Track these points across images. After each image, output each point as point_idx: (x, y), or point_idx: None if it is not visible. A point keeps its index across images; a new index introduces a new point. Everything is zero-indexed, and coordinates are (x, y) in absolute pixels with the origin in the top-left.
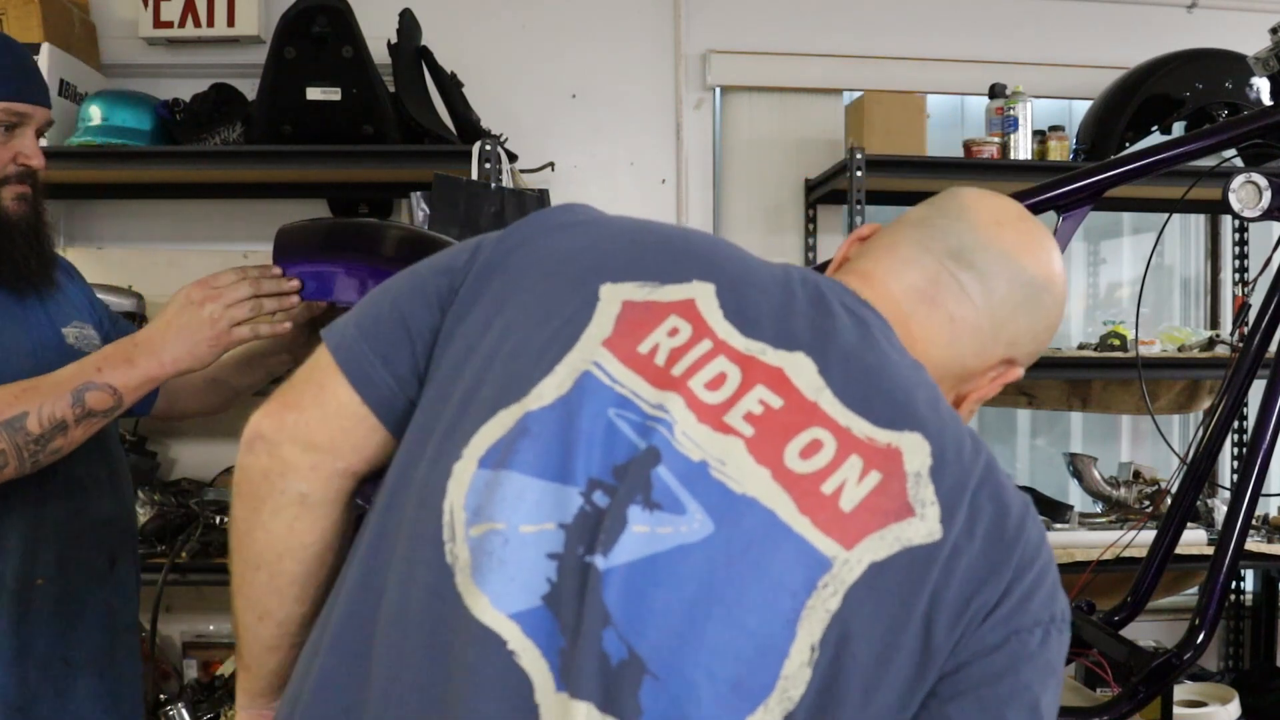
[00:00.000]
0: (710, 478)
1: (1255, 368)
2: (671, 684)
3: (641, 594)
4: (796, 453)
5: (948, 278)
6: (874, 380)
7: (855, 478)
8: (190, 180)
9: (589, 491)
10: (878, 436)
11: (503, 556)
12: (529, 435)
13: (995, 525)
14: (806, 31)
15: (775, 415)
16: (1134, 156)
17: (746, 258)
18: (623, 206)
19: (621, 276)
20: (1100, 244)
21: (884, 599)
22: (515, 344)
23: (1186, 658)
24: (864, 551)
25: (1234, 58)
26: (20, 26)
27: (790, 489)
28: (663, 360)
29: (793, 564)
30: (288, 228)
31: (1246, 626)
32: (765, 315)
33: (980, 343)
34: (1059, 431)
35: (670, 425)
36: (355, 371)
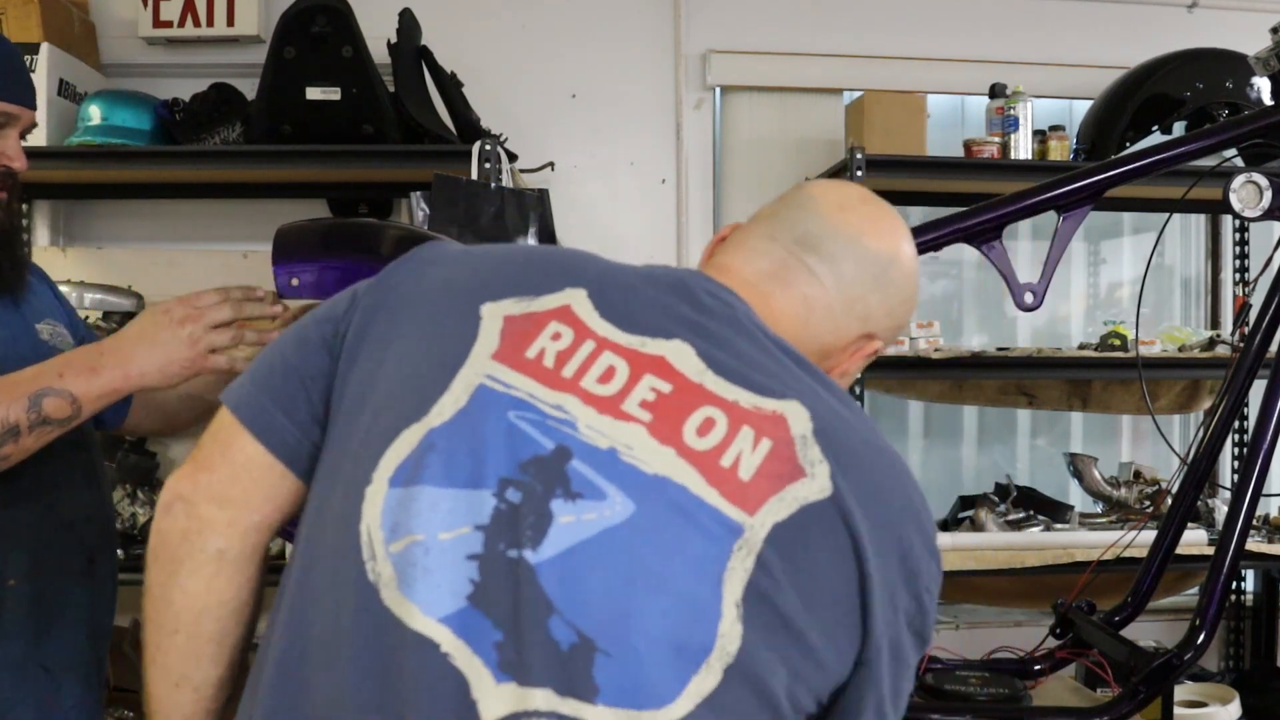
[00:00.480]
0: (622, 462)
1: (1256, 368)
2: (620, 657)
3: (580, 579)
4: (694, 431)
5: (795, 262)
6: (748, 356)
7: (749, 448)
8: (190, 180)
9: (501, 491)
10: (763, 406)
11: (426, 565)
12: (435, 450)
13: (880, 479)
14: (806, 31)
15: (667, 399)
16: (1134, 156)
17: (611, 263)
18: (623, 206)
19: (499, 295)
20: (1100, 244)
21: (794, 553)
22: (409, 370)
23: (1187, 658)
24: (766, 515)
25: (1234, 57)
26: (20, 26)
27: (694, 464)
28: (551, 363)
29: (710, 531)
30: (287, 228)
31: (1247, 626)
32: (639, 310)
33: (834, 321)
34: (1059, 431)
35: (573, 422)
36: (257, 424)
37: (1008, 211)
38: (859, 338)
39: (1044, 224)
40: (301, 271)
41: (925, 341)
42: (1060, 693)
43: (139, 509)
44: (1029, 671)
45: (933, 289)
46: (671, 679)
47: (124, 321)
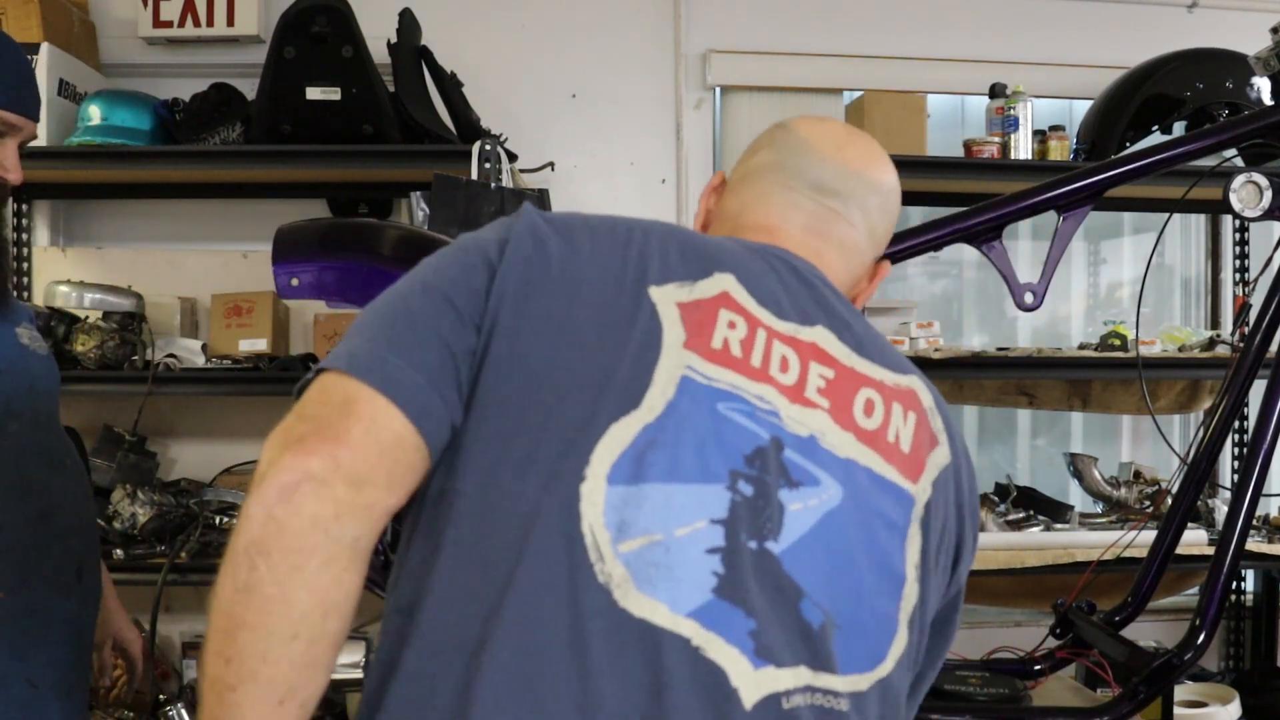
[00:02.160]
0: (822, 448)
1: (1256, 368)
2: (850, 629)
3: (818, 562)
4: (862, 413)
5: (825, 212)
6: (869, 335)
7: (901, 422)
8: (190, 180)
9: (733, 484)
10: (901, 382)
11: (668, 564)
12: (656, 445)
13: (960, 443)
14: (806, 31)
15: (835, 385)
16: (1134, 156)
17: (721, 241)
18: (623, 206)
19: (659, 279)
20: (1100, 244)
21: (937, 514)
22: (593, 358)
23: (1187, 658)
24: (925, 481)
25: (1234, 57)
26: (19, 26)
27: (871, 445)
28: (739, 353)
29: (894, 505)
30: (287, 228)
31: (1247, 627)
32: (781, 296)
33: (862, 256)
34: (1059, 431)
35: (777, 412)
36: (407, 399)
37: (1008, 211)
38: (873, 263)
39: (1044, 224)
40: (301, 271)
41: (925, 341)
42: (1060, 693)
43: (139, 509)
44: (1029, 671)
45: (933, 289)
46: (885, 640)
47: (124, 321)
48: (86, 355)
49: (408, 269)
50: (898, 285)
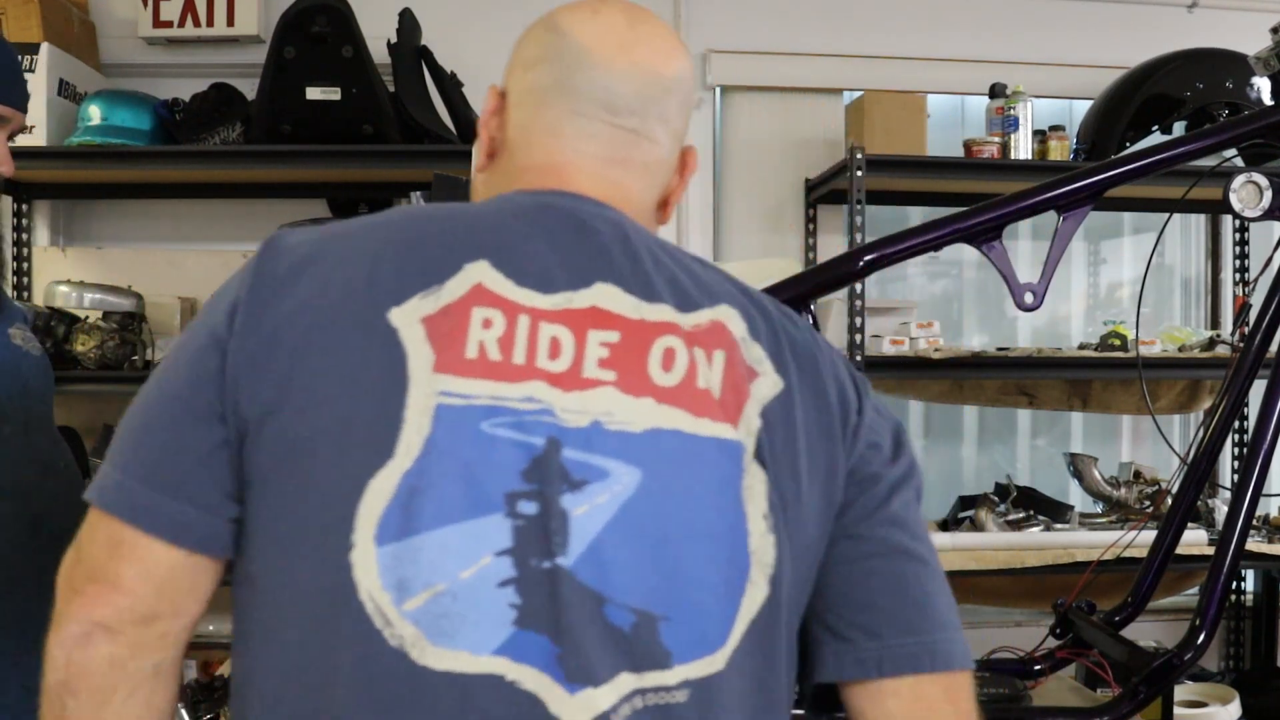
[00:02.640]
0: (609, 432)
1: (1256, 368)
2: (681, 616)
3: (617, 561)
4: (659, 370)
5: (623, 135)
6: (665, 272)
7: (708, 367)
8: (190, 180)
9: (512, 508)
10: (702, 319)
11: (459, 611)
12: (419, 491)
13: (801, 348)
14: (806, 31)
15: (621, 348)
16: (1134, 156)
17: (486, 211)
18: None
19: (400, 295)
20: (1100, 244)
21: (781, 442)
22: (342, 410)
23: (1187, 658)
24: (749, 419)
25: (1234, 57)
26: (19, 26)
27: (675, 403)
28: (497, 355)
29: (718, 460)
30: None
31: (1247, 626)
32: (549, 265)
33: (668, 165)
34: (1059, 431)
35: (549, 409)
36: (163, 526)
37: (1008, 211)
38: (680, 156)
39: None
40: None
41: (925, 341)
42: (1060, 693)
43: None
44: (1029, 671)
45: (933, 289)
46: (729, 611)
47: (124, 321)
48: (86, 355)
49: None
50: (898, 285)
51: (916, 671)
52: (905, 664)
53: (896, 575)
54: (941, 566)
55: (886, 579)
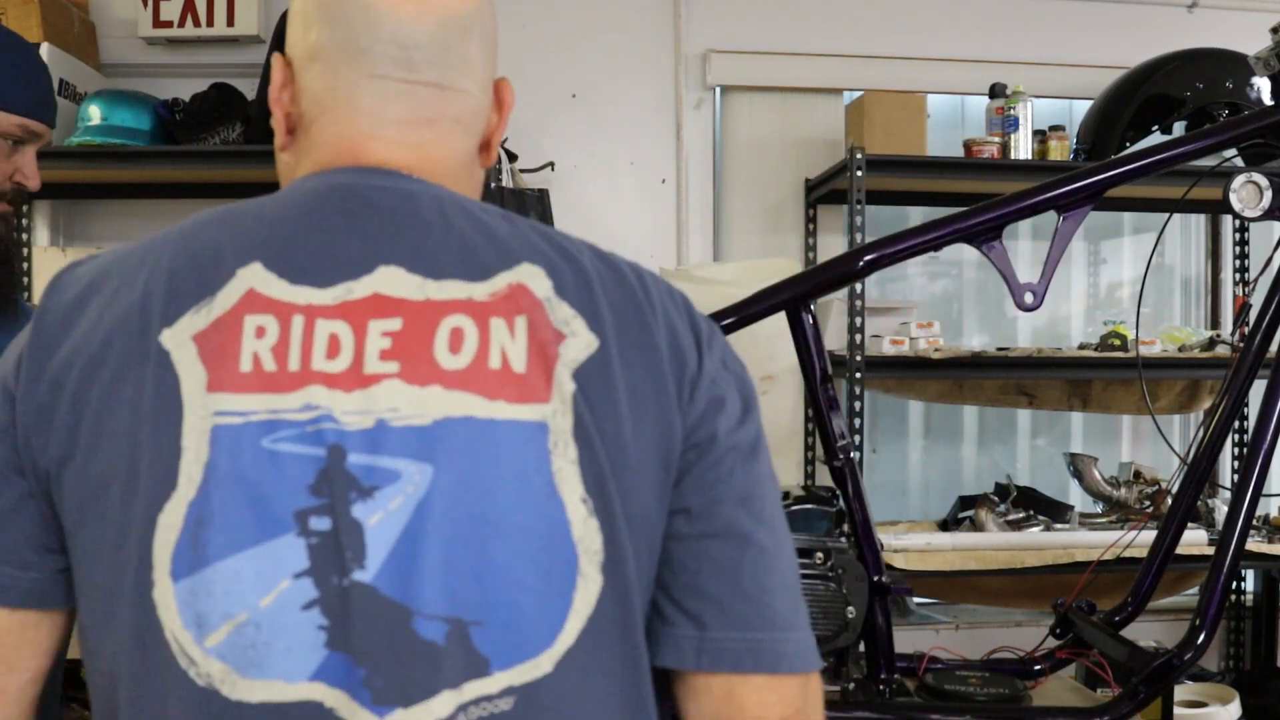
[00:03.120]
0: (394, 429)
1: (1256, 368)
2: (495, 619)
3: (418, 568)
4: (446, 353)
5: (425, 91)
6: (456, 241)
7: (509, 337)
8: (190, 180)
9: (304, 525)
10: (498, 286)
11: (266, 640)
12: (205, 520)
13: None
14: (806, 31)
15: (404, 335)
16: (1134, 156)
17: (260, 206)
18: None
19: (170, 316)
20: (1100, 244)
21: (600, 420)
22: (123, 447)
23: (1187, 658)
24: (557, 392)
25: (1234, 57)
26: (19, 26)
27: (465, 387)
28: (272, 365)
29: (518, 446)
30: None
31: (1247, 626)
32: (324, 255)
33: (480, 109)
34: (1059, 431)
35: (327, 415)
36: None
37: (1008, 211)
38: (494, 95)
39: (1044, 224)
40: None
41: (925, 341)
42: (1060, 693)
43: None
44: (1029, 671)
45: (933, 289)
46: (556, 608)
47: None
48: None
49: None
50: (898, 285)
51: (736, 670)
52: (723, 660)
53: (731, 562)
54: (791, 553)
55: (719, 565)
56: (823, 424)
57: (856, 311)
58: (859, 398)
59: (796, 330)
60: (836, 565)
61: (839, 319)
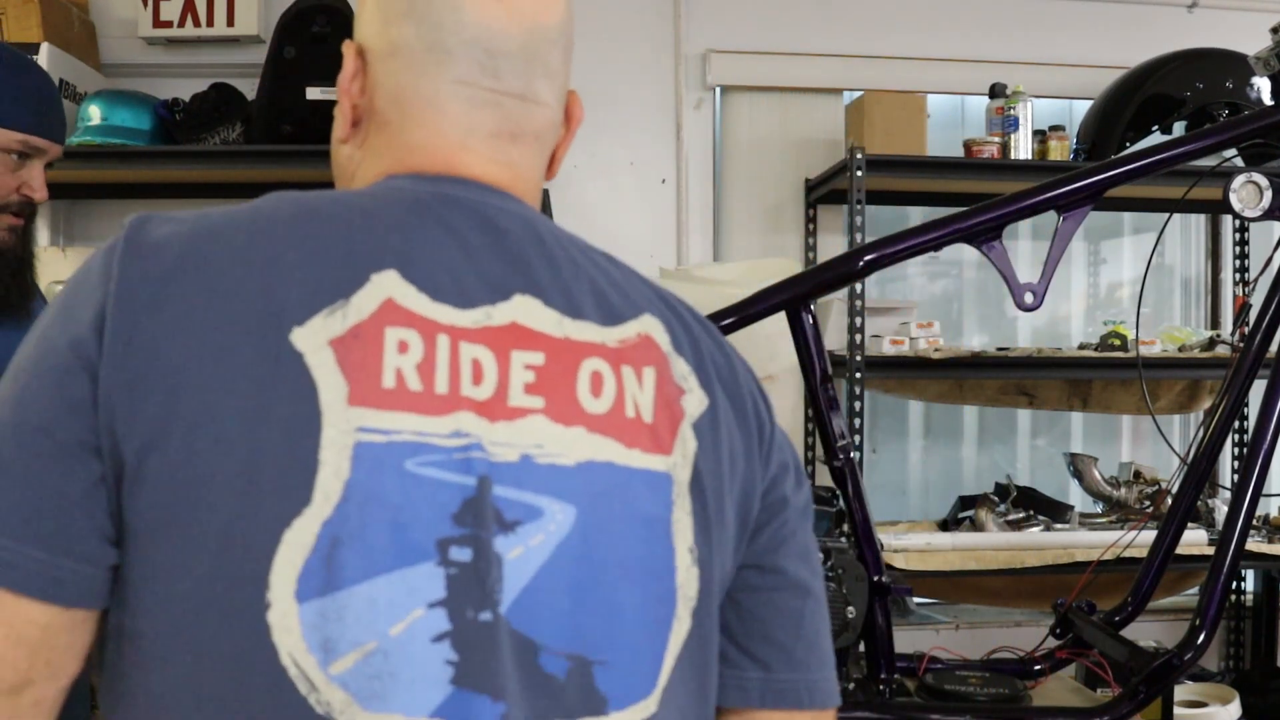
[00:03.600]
0: (540, 466)
1: (1256, 368)
2: (617, 660)
3: (552, 607)
4: (588, 395)
5: (509, 104)
6: (586, 280)
7: (639, 388)
8: (190, 180)
9: (444, 555)
10: (628, 334)
11: (391, 671)
12: (343, 541)
13: (720, 362)
14: (806, 31)
15: (547, 372)
16: (1134, 156)
17: (383, 209)
18: (623, 206)
19: (303, 313)
20: (1100, 244)
21: (711, 459)
22: (245, 450)
23: (1187, 658)
24: (679, 448)
25: (1234, 57)
26: (19, 26)
27: (606, 432)
28: (418, 385)
29: (645, 495)
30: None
31: (1247, 627)
32: (462, 273)
33: (557, 125)
34: (1059, 431)
35: (477, 444)
36: (33, 583)
37: (1008, 211)
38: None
39: (1044, 224)
40: None
41: (925, 341)
42: (1060, 693)
43: None
44: (1029, 671)
45: (933, 289)
46: (659, 649)
47: None
48: None
49: None
50: (898, 285)
51: (794, 708)
52: (785, 699)
53: (796, 611)
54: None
55: (786, 615)
56: (823, 424)
57: (856, 311)
58: (859, 398)
59: (796, 330)
60: (836, 565)
61: (839, 319)
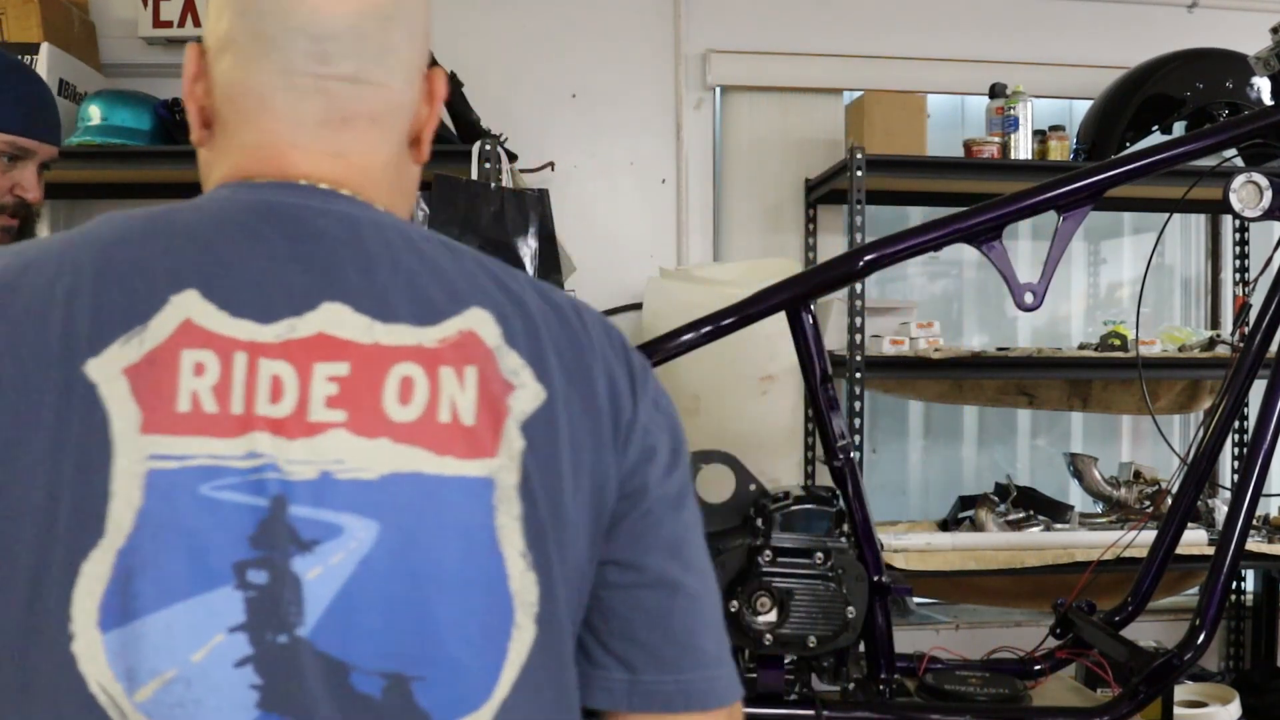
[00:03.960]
0: (340, 482)
1: (1256, 368)
2: (436, 674)
3: (361, 625)
4: (395, 403)
5: (338, 89)
6: (405, 278)
7: (459, 389)
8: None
9: (241, 578)
10: (449, 332)
11: (194, 698)
12: (137, 571)
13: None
14: (806, 31)
15: (352, 382)
16: (1134, 156)
17: (187, 218)
18: (623, 206)
19: (97, 344)
20: (1100, 244)
21: (544, 475)
22: (43, 482)
23: (1187, 658)
24: (504, 449)
25: (1234, 57)
26: (19, 26)
27: (414, 441)
28: (213, 406)
29: (462, 503)
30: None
31: (1247, 626)
32: (268, 286)
33: (405, 103)
34: (1059, 431)
35: (272, 464)
36: None
37: (1008, 211)
38: (423, 82)
39: (1044, 224)
40: None
41: (925, 341)
42: (1060, 693)
43: None
44: (1029, 671)
45: (933, 289)
46: (493, 660)
47: None
48: None
49: None
50: (898, 285)
51: (665, 711)
52: (655, 702)
53: (662, 610)
54: (715, 590)
55: (650, 613)
56: (823, 424)
57: (856, 311)
58: (859, 398)
59: (796, 330)
60: (836, 565)
61: (839, 319)
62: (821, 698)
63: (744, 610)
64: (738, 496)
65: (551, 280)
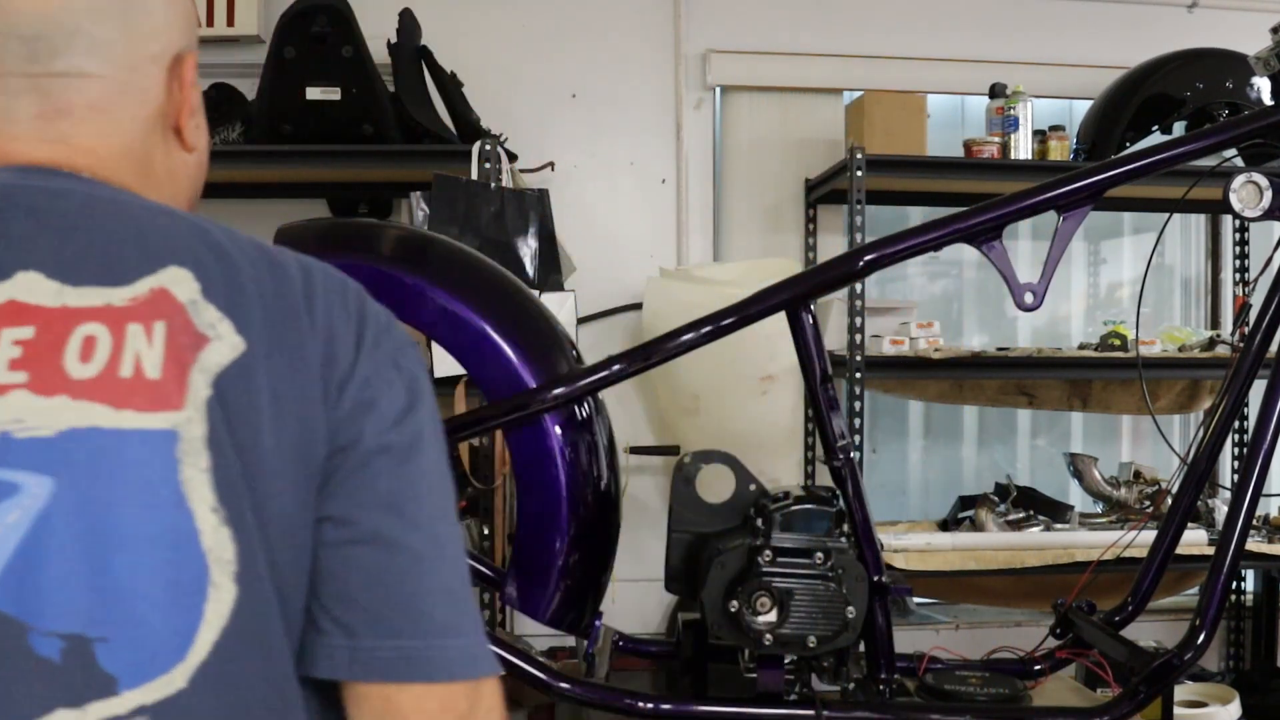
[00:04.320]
0: (17, 441)
1: (1256, 368)
2: (121, 636)
3: (36, 584)
4: (76, 362)
5: (48, 83)
6: (101, 244)
7: (145, 343)
8: None
9: None
10: (138, 291)
11: None
12: None
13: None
14: (806, 31)
15: (35, 344)
16: (1134, 156)
17: None
18: (623, 206)
19: None
20: (1100, 244)
21: (238, 427)
22: None
23: (1187, 658)
24: (191, 399)
25: (1234, 57)
26: None
27: (93, 397)
28: None
29: (145, 456)
30: (287, 228)
31: (1247, 626)
32: None
33: (129, 88)
34: (1059, 431)
35: None
36: None
37: (1008, 211)
38: (170, 68)
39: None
40: None
41: (925, 341)
42: (1060, 693)
43: None
44: (1029, 671)
45: (933, 289)
46: (186, 621)
47: None
48: None
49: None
50: (898, 285)
51: (389, 679)
52: (374, 669)
53: (379, 569)
54: (456, 556)
55: (367, 572)
56: (823, 424)
57: (856, 311)
58: (859, 398)
59: (796, 330)
60: (836, 565)
61: (839, 319)
62: (821, 698)
63: (744, 610)
64: (738, 496)
65: (551, 280)
